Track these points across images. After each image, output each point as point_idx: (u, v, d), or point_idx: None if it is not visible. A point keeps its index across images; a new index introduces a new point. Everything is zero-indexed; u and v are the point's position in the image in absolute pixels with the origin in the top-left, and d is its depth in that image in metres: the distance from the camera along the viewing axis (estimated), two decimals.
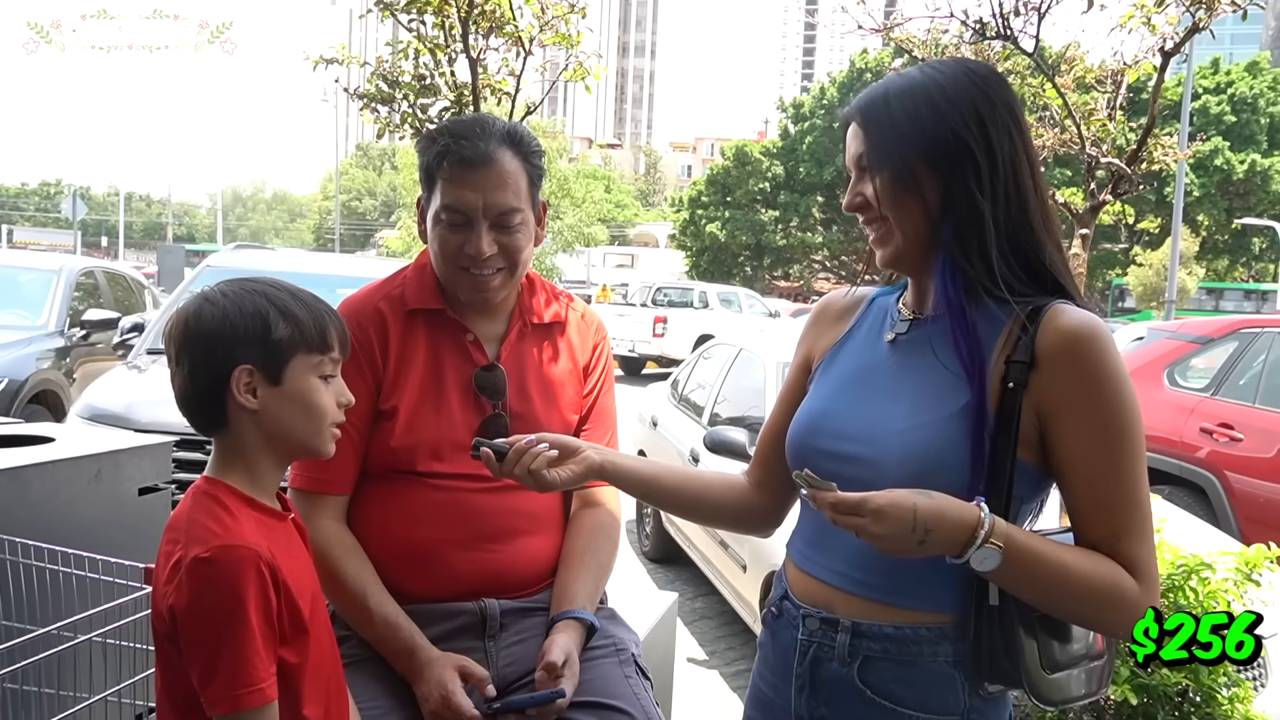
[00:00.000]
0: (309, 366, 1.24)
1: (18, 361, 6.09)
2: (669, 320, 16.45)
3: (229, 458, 1.24)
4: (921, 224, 1.18)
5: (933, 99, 1.17)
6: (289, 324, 1.22)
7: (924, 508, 1.05)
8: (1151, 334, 6.61)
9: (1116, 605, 1.11)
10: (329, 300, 1.35)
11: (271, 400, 1.22)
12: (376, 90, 2.85)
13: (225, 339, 1.20)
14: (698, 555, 5.00)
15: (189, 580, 1.12)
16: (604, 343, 1.88)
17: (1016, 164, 1.17)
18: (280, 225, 68.09)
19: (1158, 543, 2.19)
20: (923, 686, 1.17)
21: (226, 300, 1.23)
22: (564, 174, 26.11)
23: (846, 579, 1.22)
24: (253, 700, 1.11)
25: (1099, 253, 36.15)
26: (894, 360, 1.25)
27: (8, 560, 1.91)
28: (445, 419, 1.67)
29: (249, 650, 1.11)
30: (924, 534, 1.05)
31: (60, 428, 2.77)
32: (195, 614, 1.12)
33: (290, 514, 1.31)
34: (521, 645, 1.65)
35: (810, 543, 1.28)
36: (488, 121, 1.69)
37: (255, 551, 1.14)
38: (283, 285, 1.27)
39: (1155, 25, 2.54)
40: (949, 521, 1.06)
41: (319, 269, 6.15)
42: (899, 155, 1.17)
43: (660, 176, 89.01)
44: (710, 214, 39.02)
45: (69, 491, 2.23)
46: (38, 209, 64.94)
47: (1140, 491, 1.13)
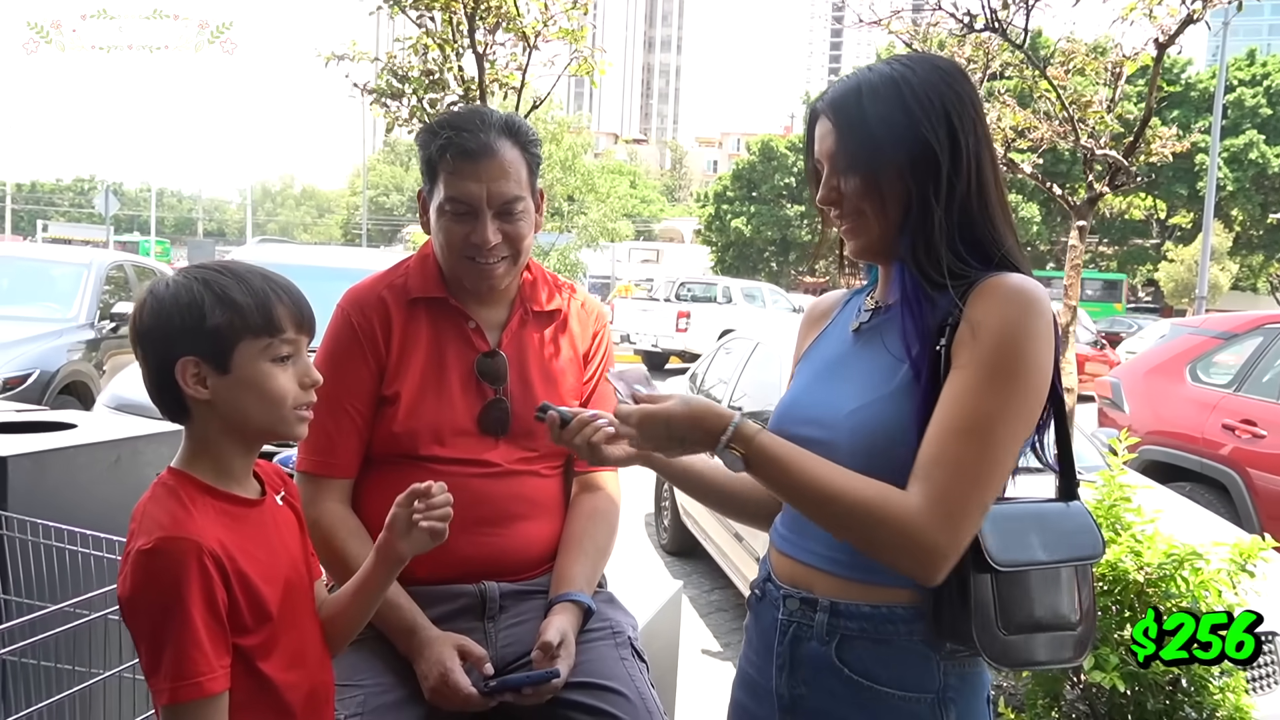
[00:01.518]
0: (257, 351, 1.19)
1: (49, 353, 6.23)
2: (692, 315, 16.42)
3: (194, 448, 1.22)
4: (891, 219, 1.22)
5: (904, 100, 1.20)
6: (225, 310, 1.17)
7: (678, 415, 1.21)
8: (1174, 330, 6.53)
9: (881, 524, 1.09)
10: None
11: (223, 389, 1.19)
12: (386, 85, 2.90)
13: (164, 331, 1.18)
14: (713, 548, 5.02)
15: (132, 571, 1.11)
16: (604, 330, 1.91)
17: (980, 159, 1.20)
18: (309, 220, 68.77)
19: (1150, 533, 2.21)
20: (898, 665, 1.20)
21: (166, 292, 1.19)
22: (589, 170, 26.13)
23: (824, 559, 1.25)
24: (189, 693, 1.10)
25: (1130, 248, 35.69)
26: (854, 349, 1.30)
27: (29, 540, 1.97)
28: (447, 404, 1.71)
29: (189, 643, 1.09)
30: (680, 439, 1.21)
31: (82, 415, 2.84)
32: (137, 605, 1.12)
33: (265, 499, 1.29)
34: (520, 627, 1.69)
35: (790, 526, 1.32)
36: (486, 113, 1.72)
37: (197, 544, 1.11)
38: (233, 269, 1.22)
39: (1156, 16, 2.52)
40: (702, 427, 1.20)
41: (339, 263, 6.23)
42: (871, 158, 1.21)
43: (686, 172, 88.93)
44: (736, 209, 38.97)
45: (88, 476, 2.30)
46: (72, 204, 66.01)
47: (984, 436, 1.10)
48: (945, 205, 1.19)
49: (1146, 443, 5.68)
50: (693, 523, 5.44)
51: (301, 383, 1.24)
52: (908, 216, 1.21)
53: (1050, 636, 1.19)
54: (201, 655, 1.10)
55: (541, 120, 22.14)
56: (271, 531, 1.27)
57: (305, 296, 1.28)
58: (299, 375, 1.23)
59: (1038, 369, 1.13)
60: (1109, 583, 2.04)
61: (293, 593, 1.27)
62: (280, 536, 1.29)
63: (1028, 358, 1.12)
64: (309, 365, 1.26)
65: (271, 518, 1.29)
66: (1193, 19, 2.48)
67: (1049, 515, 1.22)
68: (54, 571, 1.95)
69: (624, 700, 1.59)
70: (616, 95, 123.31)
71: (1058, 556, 1.19)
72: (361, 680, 1.57)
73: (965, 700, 1.20)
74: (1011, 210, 1.28)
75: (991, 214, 1.21)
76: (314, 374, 1.25)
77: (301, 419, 1.25)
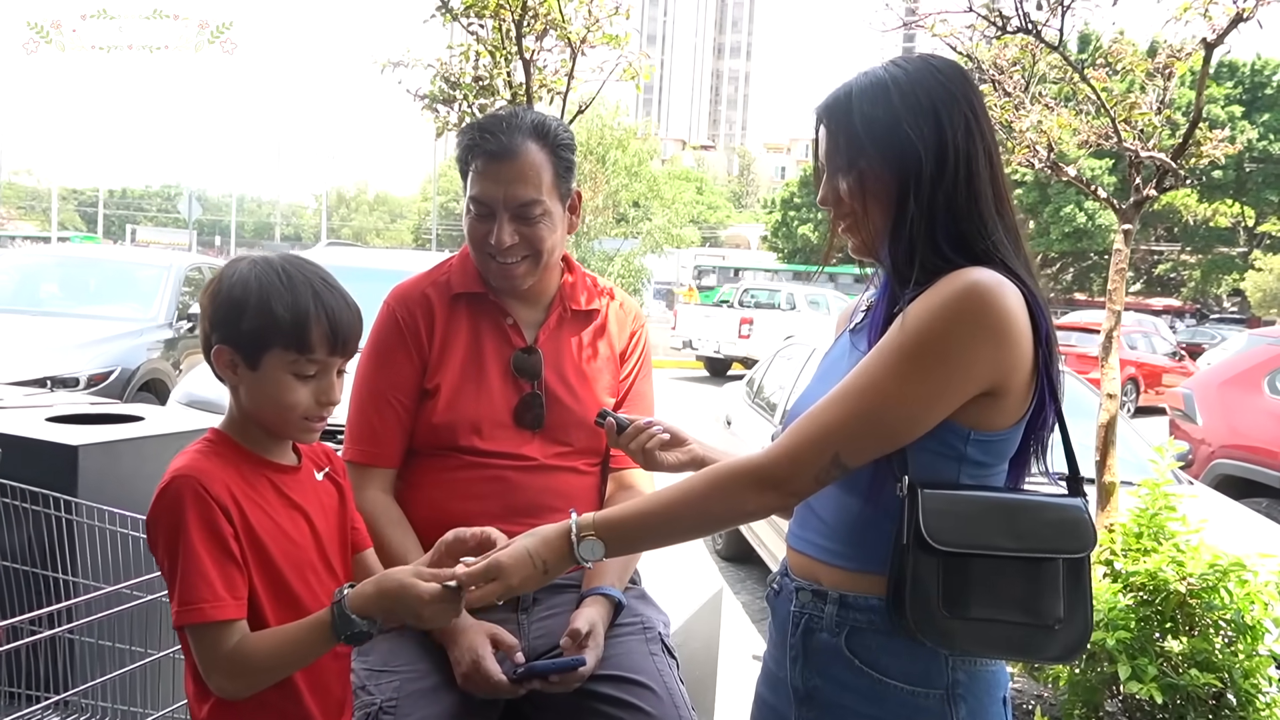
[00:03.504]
0: (284, 362, 1.26)
1: (130, 351, 6.50)
2: (755, 322, 16.34)
3: (232, 413, 1.32)
4: (879, 217, 1.25)
5: (891, 101, 1.21)
6: (262, 318, 1.24)
7: (533, 544, 1.24)
8: (1252, 340, 6.31)
9: (733, 479, 1.20)
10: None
11: (248, 382, 1.28)
12: (439, 91, 2.98)
13: (211, 316, 1.28)
14: (767, 554, 5.00)
15: (151, 510, 1.21)
16: (641, 330, 1.95)
17: (971, 156, 1.21)
18: (381, 226, 70.27)
19: (1195, 544, 2.14)
20: (906, 658, 1.20)
21: (228, 279, 1.27)
22: (654, 176, 26.19)
23: (822, 549, 1.28)
24: (192, 617, 1.16)
25: (1214, 257, 34.38)
26: (848, 349, 1.34)
27: (95, 525, 2.08)
28: (485, 397, 1.76)
29: (191, 570, 1.16)
30: (543, 565, 1.23)
31: (152, 409, 2.97)
32: (154, 537, 1.21)
33: (301, 468, 1.36)
34: (552, 619, 1.72)
35: (797, 520, 1.36)
36: (517, 115, 1.76)
37: (196, 479, 1.19)
38: (294, 277, 1.27)
39: (1210, 16, 2.44)
40: (551, 543, 1.24)
41: (398, 265, 6.36)
42: (856, 158, 1.23)
43: (754, 178, 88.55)
44: (803, 215, 38.70)
45: (154, 466, 2.39)
46: (159, 209, 68.59)
47: (852, 399, 1.16)
48: (927, 202, 1.19)
49: (1220, 456, 5.50)
50: (746, 528, 5.42)
51: (319, 399, 1.29)
52: (898, 208, 1.22)
53: (1014, 628, 1.15)
54: (204, 582, 1.17)
55: (608, 127, 22.28)
56: (299, 497, 1.33)
57: (357, 317, 1.32)
58: (318, 393, 1.29)
59: (949, 355, 1.12)
60: (1149, 592, 1.98)
61: (307, 557, 1.32)
62: (310, 504, 1.35)
63: (935, 342, 1.12)
64: (332, 386, 1.31)
65: (305, 486, 1.35)
66: (1243, 17, 2.40)
67: (1028, 507, 1.18)
68: (119, 556, 2.05)
69: (651, 694, 1.61)
70: (685, 101, 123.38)
71: (1027, 546, 1.15)
72: (398, 666, 1.62)
73: (976, 697, 1.20)
74: (1014, 206, 1.27)
75: (981, 210, 1.21)
76: (333, 395, 1.31)
77: (309, 429, 1.31)
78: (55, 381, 5.75)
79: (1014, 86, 2.83)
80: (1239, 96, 29.84)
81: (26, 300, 7.21)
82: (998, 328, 1.12)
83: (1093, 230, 30.61)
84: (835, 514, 1.27)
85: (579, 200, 1.85)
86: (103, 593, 1.75)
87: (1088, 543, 1.18)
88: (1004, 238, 1.21)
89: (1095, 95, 2.61)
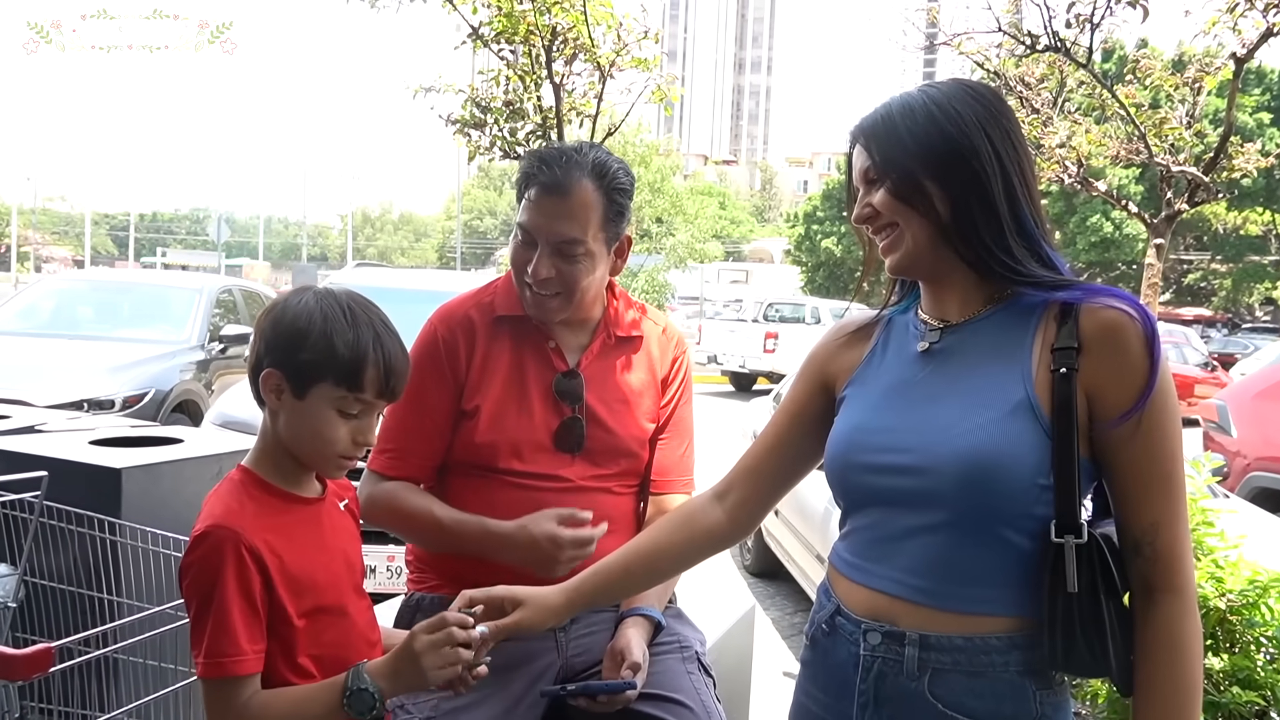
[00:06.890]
0: (332, 397, 1.28)
1: (164, 373, 6.60)
2: (780, 336, 16.31)
3: (263, 445, 1.33)
4: (930, 229, 1.22)
5: (932, 113, 1.22)
6: (321, 352, 1.26)
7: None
8: None
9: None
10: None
11: (291, 410, 1.29)
12: (470, 115, 3.02)
13: (269, 338, 1.29)
14: (796, 570, 4.98)
15: (187, 553, 1.23)
16: (684, 356, 1.96)
17: (1020, 166, 1.22)
18: (406, 245, 70.87)
19: (1234, 559, 2.12)
20: (994, 697, 1.16)
21: (294, 306, 1.29)
22: (677, 192, 26.28)
23: (908, 588, 1.20)
24: (215, 671, 1.19)
25: (1245, 265, 33.92)
26: (931, 369, 1.26)
27: (139, 547, 2.12)
28: (526, 419, 1.78)
29: (221, 625, 1.19)
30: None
31: (189, 431, 3.02)
32: (186, 583, 1.23)
33: (324, 499, 1.38)
34: (591, 637, 1.74)
35: (861, 554, 1.27)
36: (582, 150, 1.77)
37: (237, 534, 1.21)
38: (359, 317, 1.29)
39: (1240, 30, 2.44)
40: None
41: (428, 285, 6.41)
42: (904, 163, 1.22)
43: (776, 192, 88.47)
44: (826, 229, 38.57)
45: (194, 487, 2.45)
46: (189, 232, 69.60)
47: (1179, 501, 1.16)
48: (988, 209, 1.20)
49: (1255, 468, 5.41)
50: (776, 544, 5.40)
51: (355, 439, 1.31)
52: (957, 215, 1.21)
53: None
54: (229, 638, 1.19)
55: (630, 144, 22.36)
56: (327, 530, 1.36)
57: (409, 364, 1.35)
58: (356, 432, 1.31)
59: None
60: None
61: (341, 587, 1.35)
62: (335, 536, 1.38)
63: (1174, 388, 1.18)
64: (371, 428, 1.34)
65: (328, 518, 1.38)
66: (1272, 32, 2.39)
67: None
68: (161, 576, 2.09)
69: (689, 713, 1.62)
70: (706, 117, 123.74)
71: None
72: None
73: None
74: (1049, 221, 1.28)
75: (1036, 215, 1.22)
76: (370, 437, 1.33)
77: (339, 466, 1.34)
78: (91, 404, 5.84)
79: (1042, 103, 2.83)
80: (1267, 104, 29.50)
81: (63, 324, 7.35)
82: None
83: (1120, 240, 30.32)
84: (939, 552, 1.19)
85: (628, 244, 1.85)
86: (149, 613, 1.79)
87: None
88: (1051, 251, 1.23)
89: (1125, 111, 2.61)
